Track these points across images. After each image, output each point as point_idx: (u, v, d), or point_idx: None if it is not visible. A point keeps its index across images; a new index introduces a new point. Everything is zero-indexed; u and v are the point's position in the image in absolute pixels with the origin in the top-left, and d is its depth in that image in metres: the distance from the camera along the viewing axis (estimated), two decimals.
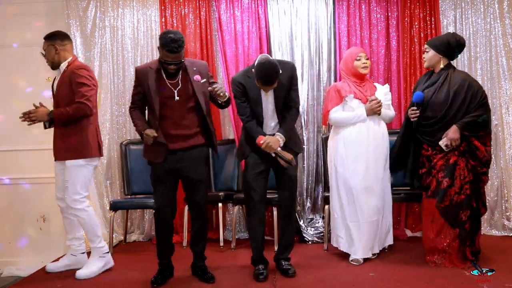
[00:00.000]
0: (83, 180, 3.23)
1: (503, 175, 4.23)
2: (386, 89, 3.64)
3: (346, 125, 3.46)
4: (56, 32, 3.34)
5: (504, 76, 4.27)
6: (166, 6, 4.40)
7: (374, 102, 3.42)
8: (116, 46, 4.46)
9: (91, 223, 3.25)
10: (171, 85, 2.97)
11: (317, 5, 4.36)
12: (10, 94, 4.38)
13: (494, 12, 4.30)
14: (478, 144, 3.19)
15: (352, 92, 3.47)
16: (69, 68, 3.24)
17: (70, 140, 3.20)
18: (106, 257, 3.33)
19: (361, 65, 3.49)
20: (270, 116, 3.12)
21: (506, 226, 4.19)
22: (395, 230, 4.19)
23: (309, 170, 4.32)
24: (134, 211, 4.48)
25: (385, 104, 3.52)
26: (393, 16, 4.34)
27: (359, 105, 3.45)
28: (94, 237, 3.26)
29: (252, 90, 3.04)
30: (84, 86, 3.16)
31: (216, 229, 4.25)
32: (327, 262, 3.44)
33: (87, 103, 3.14)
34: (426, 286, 2.86)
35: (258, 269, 3.11)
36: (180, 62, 2.91)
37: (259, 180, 3.09)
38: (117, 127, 4.48)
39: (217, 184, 4.33)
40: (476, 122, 3.16)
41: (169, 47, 2.81)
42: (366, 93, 3.48)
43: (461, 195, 3.15)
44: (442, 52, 3.28)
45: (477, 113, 3.17)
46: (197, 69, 3.02)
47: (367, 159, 3.39)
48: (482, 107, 3.20)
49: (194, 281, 3.10)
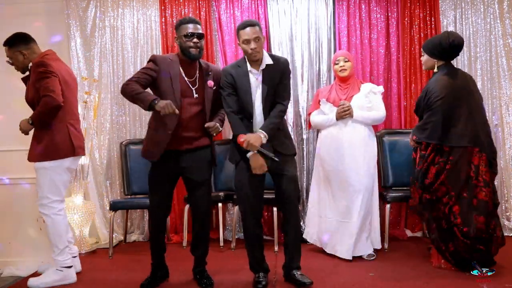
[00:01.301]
0: (51, 183, 3.08)
1: (503, 175, 4.24)
2: (370, 90, 3.61)
3: (322, 128, 3.67)
4: (17, 35, 3.17)
5: (504, 76, 4.27)
6: (166, 6, 4.40)
7: (340, 107, 3.52)
8: (116, 46, 4.46)
9: (54, 232, 3.09)
10: (190, 83, 2.93)
11: (317, 5, 4.36)
12: (10, 94, 4.37)
13: (494, 12, 4.30)
14: (415, 156, 3.26)
15: (326, 96, 3.63)
16: (32, 68, 3.11)
17: (38, 141, 3.09)
18: (64, 272, 3.14)
19: (339, 68, 3.66)
20: (259, 110, 2.95)
21: (506, 226, 4.19)
22: (395, 230, 4.21)
23: (309, 170, 4.32)
24: (134, 211, 4.48)
25: (366, 106, 3.56)
26: (393, 16, 4.34)
27: (331, 108, 3.59)
28: (54, 247, 3.11)
29: (242, 79, 2.92)
30: (42, 80, 3.01)
31: (216, 229, 4.24)
32: (327, 262, 3.44)
33: (49, 94, 2.97)
34: (426, 286, 2.86)
35: (258, 277, 2.98)
36: (202, 34, 2.90)
37: (254, 182, 2.92)
38: (117, 127, 4.48)
39: (217, 184, 4.33)
40: (415, 127, 3.27)
41: (187, 19, 2.91)
42: (343, 97, 3.59)
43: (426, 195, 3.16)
44: (435, 56, 3.21)
45: (423, 119, 3.21)
46: (211, 74, 3.00)
47: (340, 161, 3.49)
48: (428, 113, 3.15)
49: (192, 285, 3.08)
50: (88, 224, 4.12)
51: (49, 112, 3.03)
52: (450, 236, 3.06)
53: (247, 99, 2.92)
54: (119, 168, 4.43)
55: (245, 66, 2.94)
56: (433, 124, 3.11)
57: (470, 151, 3.06)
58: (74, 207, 4.00)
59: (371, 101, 3.60)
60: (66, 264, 3.16)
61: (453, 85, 3.13)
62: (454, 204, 3.03)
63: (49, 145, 3.07)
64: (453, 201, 3.04)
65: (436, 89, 3.12)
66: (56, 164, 3.09)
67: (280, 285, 2.99)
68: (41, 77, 3.03)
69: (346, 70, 3.62)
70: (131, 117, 4.46)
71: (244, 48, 2.89)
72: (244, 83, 2.92)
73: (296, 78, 4.35)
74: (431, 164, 3.11)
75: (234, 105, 2.92)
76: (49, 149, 3.07)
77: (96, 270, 3.52)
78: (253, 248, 3.00)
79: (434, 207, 3.11)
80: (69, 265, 3.17)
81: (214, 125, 2.93)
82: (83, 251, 3.99)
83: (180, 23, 2.91)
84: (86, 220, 4.06)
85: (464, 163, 3.05)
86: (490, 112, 4.28)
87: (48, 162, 3.07)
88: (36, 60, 3.11)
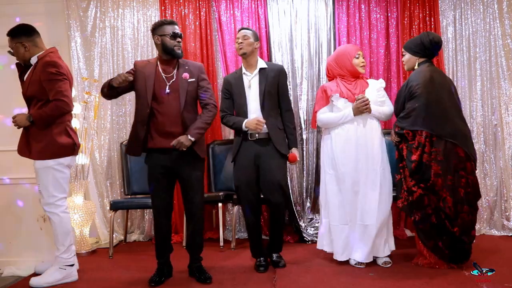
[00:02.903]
0: (54, 181, 3.09)
1: (503, 175, 4.24)
2: (380, 85, 3.46)
3: (334, 126, 3.36)
4: (20, 26, 3.15)
5: (504, 76, 4.28)
6: (166, 6, 4.41)
7: (359, 101, 3.25)
8: (116, 46, 4.47)
9: (61, 230, 3.10)
10: (166, 79, 3.05)
11: (317, 5, 4.37)
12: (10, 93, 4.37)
13: (493, 12, 4.31)
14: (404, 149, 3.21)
15: (338, 91, 3.35)
16: (39, 64, 3.08)
17: (37, 140, 3.07)
18: (67, 270, 3.14)
19: (360, 63, 3.40)
20: (253, 110, 3.31)
21: (506, 226, 4.20)
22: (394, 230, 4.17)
23: (308, 170, 4.32)
24: (134, 211, 4.49)
25: (378, 101, 3.38)
26: (392, 17, 4.35)
27: (345, 104, 3.32)
28: (60, 245, 3.11)
29: (236, 82, 3.36)
30: (55, 82, 3.02)
31: (216, 229, 4.25)
32: (327, 262, 3.44)
33: (63, 99, 3.01)
34: (426, 286, 2.86)
35: (259, 260, 3.34)
36: (181, 34, 3.08)
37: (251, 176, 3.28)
38: (117, 127, 4.48)
39: (217, 184, 4.33)
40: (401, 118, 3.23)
41: (168, 21, 3.07)
42: (355, 91, 3.34)
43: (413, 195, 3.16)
44: (417, 54, 3.29)
45: (408, 106, 3.19)
46: (188, 68, 3.10)
47: (356, 160, 3.26)
48: (410, 100, 3.18)
49: (193, 282, 3.10)
50: (88, 224, 4.12)
51: (59, 116, 3.06)
52: (438, 231, 3.12)
53: (242, 101, 3.33)
54: (119, 168, 4.43)
55: (241, 70, 3.40)
56: (417, 111, 3.13)
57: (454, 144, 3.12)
58: (74, 207, 3.99)
59: (383, 95, 3.46)
60: (70, 262, 3.16)
61: (434, 76, 3.20)
62: (447, 196, 3.07)
63: (51, 144, 3.07)
64: (445, 193, 3.08)
65: (417, 78, 3.20)
66: (58, 162, 3.10)
67: (281, 284, 3.00)
68: (52, 78, 3.02)
69: (365, 66, 3.46)
70: (131, 117, 4.45)
71: (236, 46, 3.38)
72: (238, 85, 3.35)
73: (296, 78, 4.36)
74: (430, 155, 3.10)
75: (230, 108, 3.40)
76: (53, 148, 3.07)
77: (96, 270, 3.52)
78: (252, 236, 3.39)
79: (424, 203, 3.12)
80: (72, 263, 3.18)
81: (177, 142, 2.91)
82: (83, 251, 3.99)
83: (161, 24, 3.06)
84: (86, 220, 4.06)
85: (451, 152, 3.10)
86: (490, 112, 4.29)
87: (52, 160, 3.07)
88: (46, 58, 3.08)
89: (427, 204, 3.12)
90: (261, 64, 3.36)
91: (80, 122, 4.15)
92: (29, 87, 3.11)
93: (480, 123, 4.29)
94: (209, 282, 3.04)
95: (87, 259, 3.82)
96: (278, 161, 3.27)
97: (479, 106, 4.30)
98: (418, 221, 3.16)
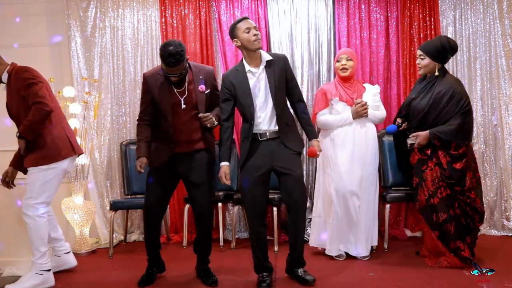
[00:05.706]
0: (42, 185, 3.05)
1: (503, 175, 4.24)
2: (376, 90, 3.64)
3: (333, 128, 3.49)
4: None
5: (504, 77, 4.28)
6: (166, 6, 4.40)
7: (359, 106, 3.41)
8: (116, 47, 4.47)
9: (36, 235, 3.04)
10: (179, 93, 2.98)
11: (317, 5, 4.36)
12: None
13: (493, 12, 4.31)
14: (444, 161, 3.18)
15: (337, 95, 3.49)
16: (12, 77, 3.06)
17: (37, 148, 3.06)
18: (44, 275, 3.07)
19: (340, 66, 3.54)
20: (261, 107, 2.95)
21: (506, 226, 4.20)
22: (395, 230, 4.22)
23: (308, 170, 4.32)
24: (134, 211, 4.49)
25: (374, 105, 3.53)
26: (392, 17, 4.35)
27: (344, 108, 3.48)
28: (35, 250, 3.05)
29: (240, 82, 2.94)
30: (30, 86, 2.98)
31: (216, 229, 4.23)
32: (327, 262, 3.44)
33: (40, 100, 2.95)
34: (426, 286, 2.87)
35: (262, 276, 2.98)
36: (181, 74, 2.90)
37: (259, 182, 2.93)
38: (117, 127, 4.48)
39: (217, 184, 4.31)
40: (451, 131, 3.14)
41: (166, 62, 2.81)
42: (353, 95, 3.49)
43: (435, 198, 3.18)
44: (437, 59, 3.27)
45: (456, 121, 3.15)
46: (203, 78, 3.02)
47: (353, 161, 3.40)
48: (463, 115, 3.17)
49: (194, 283, 3.10)
50: (88, 224, 4.12)
51: (42, 119, 2.99)
52: (467, 230, 3.19)
53: (248, 101, 2.94)
54: (119, 168, 4.43)
55: (243, 68, 2.96)
56: (469, 125, 3.23)
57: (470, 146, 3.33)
58: (74, 207, 4.00)
59: (378, 100, 3.63)
60: (46, 267, 3.10)
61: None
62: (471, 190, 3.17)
63: (49, 148, 3.06)
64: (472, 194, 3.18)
65: (463, 91, 3.25)
66: (55, 166, 3.09)
67: (281, 284, 2.99)
68: (27, 83, 2.99)
69: (347, 70, 3.50)
70: (131, 117, 4.46)
71: (246, 37, 2.88)
72: (243, 85, 2.94)
73: (296, 78, 4.34)
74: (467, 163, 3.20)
75: (227, 113, 2.98)
76: (50, 152, 3.06)
77: (96, 270, 3.52)
78: (257, 248, 2.98)
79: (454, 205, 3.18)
80: (49, 268, 3.12)
81: (207, 116, 2.95)
82: (83, 251, 3.99)
83: (162, 56, 2.84)
84: (86, 220, 4.06)
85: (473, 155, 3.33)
86: (490, 112, 4.29)
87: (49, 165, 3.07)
88: (16, 68, 3.08)
89: (457, 206, 3.17)
90: (266, 57, 2.97)
91: (80, 122, 4.14)
92: (13, 103, 3.10)
93: (480, 123, 4.28)
94: (215, 285, 3.01)
95: (87, 259, 3.82)
96: (293, 158, 2.97)
97: (479, 106, 4.30)
98: (441, 223, 3.17)
